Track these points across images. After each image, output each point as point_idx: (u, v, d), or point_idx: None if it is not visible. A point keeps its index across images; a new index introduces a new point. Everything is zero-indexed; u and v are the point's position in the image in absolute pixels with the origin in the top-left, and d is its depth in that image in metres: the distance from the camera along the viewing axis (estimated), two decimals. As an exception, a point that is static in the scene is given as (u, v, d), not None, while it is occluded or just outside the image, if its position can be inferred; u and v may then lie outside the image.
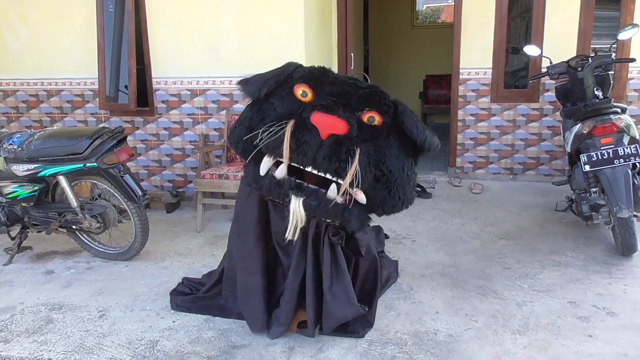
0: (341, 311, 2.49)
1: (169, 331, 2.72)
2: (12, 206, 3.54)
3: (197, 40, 4.61)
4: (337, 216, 2.28)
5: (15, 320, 2.86)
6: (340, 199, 2.24)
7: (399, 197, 2.30)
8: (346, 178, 2.13)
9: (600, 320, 2.70)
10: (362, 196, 2.24)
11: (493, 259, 3.50)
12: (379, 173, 2.23)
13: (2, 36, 5.04)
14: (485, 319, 2.76)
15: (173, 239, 4.05)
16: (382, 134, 2.28)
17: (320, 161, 2.15)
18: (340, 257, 2.50)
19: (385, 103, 2.35)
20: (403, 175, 2.29)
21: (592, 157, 3.35)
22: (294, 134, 2.15)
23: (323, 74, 2.39)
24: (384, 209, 2.34)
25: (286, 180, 2.26)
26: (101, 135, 3.26)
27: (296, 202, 2.23)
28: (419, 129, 2.29)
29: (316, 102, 2.27)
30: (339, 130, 2.16)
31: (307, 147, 2.13)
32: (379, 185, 2.25)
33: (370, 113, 2.28)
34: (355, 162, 2.13)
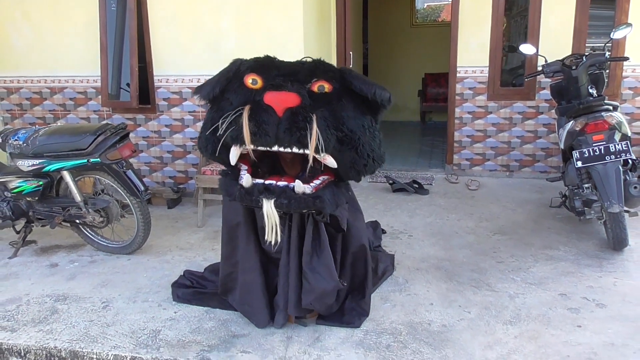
0: (320, 285, 2.55)
1: (170, 321, 2.80)
2: (17, 201, 3.62)
3: (197, 38, 4.69)
4: (310, 206, 2.37)
5: (21, 311, 2.94)
6: (309, 189, 2.33)
7: (367, 155, 2.38)
8: (310, 143, 2.21)
9: (590, 312, 2.78)
10: (330, 160, 2.32)
11: (487, 253, 3.57)
12: (341, 134, 2.31)
13: (6, 34, 5.12)
14: (478, 310, 2.83)
15: (174, 233, 4.13)
16: (334, 99, 2.36)
17: (282, 136, 2.23)
18: (323, 233, 2.58)
19: (331, 70, 2.45)
20: (365, 132, 2.38)
21: (584, 154, 3.42)
22: (252, 117, 2.24)
23: (269, 61, 2.51)
24: (357, 169, 2.40)
25: (255, 187, 2.36)
26: (104, 131, 3.34)
27: (268, 205, 2.33)
28: (367, 84, 2.38)
29: (266, 84, 2.37)
30: (291, 103, 2.26)
31: (267, 127, 2.22)
32: (345, 147, 2.33)
33: (318, 82, 2.37)
34: (314, 126, 2.21)
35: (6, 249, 3.83)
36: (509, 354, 2.43)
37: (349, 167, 2.38)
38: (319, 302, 2.62)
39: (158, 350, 2.54)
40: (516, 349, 2.46)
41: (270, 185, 2.37)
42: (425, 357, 2.43)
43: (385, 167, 5.99)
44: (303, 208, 2.38)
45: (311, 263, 2.57)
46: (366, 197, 4.92)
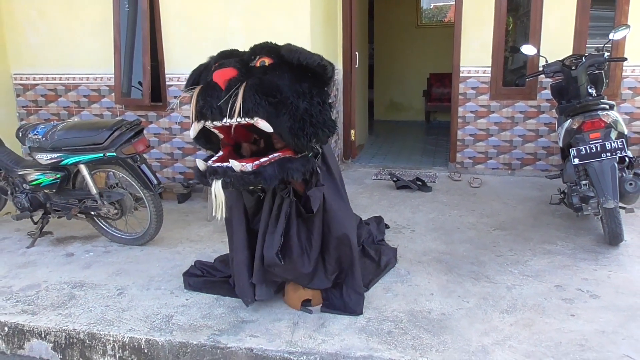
0: (267, 254, 2.71)
1: (182, 307, 2.94)
2: (35, 193, 3.78)
3: (207, 38, 4.83)
4: (250, 183, 2.52)
5: (40, 296, 3.10)
6: (249, 167, 2.48)
7: (302, 119, 2.50)
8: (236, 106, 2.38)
9: (583, 302, 2.90)
10: (263, 123, 2.46)
11: (487, 247, 3.70)
12: (273, 100, 2.45)
13: (23, 32, 5.28)
14: (476, 300, 2.96)
15: (184, 227, 4.27)
16: (271, 70, 2.55)
17: (224, 106, 2.42)
18: (283, 211, 2.73)
19: (270, 46, 2.67)
20: (300, 97, 2.51)
21: (581, 151, 3.54)
22: (200, 94, 2.47)
23: (231, 52, 2.77)
24: (295, 133, 2.50)
25: (207, 169, 2.57)
26: (120, 127, 3.49)
27: (215, 185, 2.52)
28: (293, 52, 2.55)
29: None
30: (229, 75, 2.46)
31: (212, 100, 2.43)
32: (280, 112, 2.47)
33: (261, 59, 2.59)
34: (240, 92, 2.39)
35: (24, 239, 3.99)
36: (504, 340, 2.55)
37: (288, 132, 2.50)
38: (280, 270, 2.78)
39: (171, 333, 2.68)
40: (511, 336, 2.59)
41: (218, 167, 2.55)
42: (425, 343, 2.56)
43: (390, 165, 6.13)
44: (245, 185, 2.54)
45: (269, 236, 2.74)
46: (370, 194, 5.05)
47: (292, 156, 2.62)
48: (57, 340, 2.75)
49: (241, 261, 2.87)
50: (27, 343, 2.81)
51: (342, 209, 2.90)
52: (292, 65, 2.54)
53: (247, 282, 2.85)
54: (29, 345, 2.81)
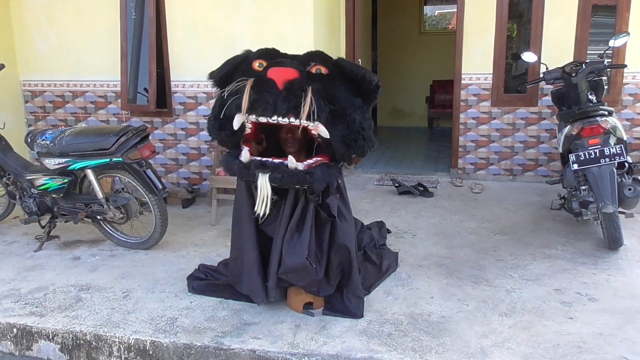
0: (290, 259, 2.74)
1: (186, 310, 2.99)
2: (42, 197, 3.85)
3: (213, 45, 4.91)
4: (301, 182, 2.58)
5: (48, 298, 3.16)
6: (302, 166, 2.55)
7: (357, 130, 2.59)
8: (304, 108, 2.44)
9: (582, 305, 2.94)
10: (322, 129, 2.54)
11: (488, 251, 3.74)
12: (333, 107, 2.54)
13: (32, 38, 5.38)
14: (476, 303, 3.00)
15: (189, 231, 4.33)
16: (329, 79, 2.63)
17: (281, 105, 2.48)
18: (309, 215, 2.78)
19: (327, 57, 2.76)
20: (356, 110, 2.61)
21: (580, 157, 3.59)
22: (254, 87, 2.51)
23: (275, 50, 2.83)
24: (348, 143, 2.59)
25: (252, 162, 2.61)
26: (126, 132, 3.56)
27: (263, 179, 2.56)
28: (358, 68, 2.65)
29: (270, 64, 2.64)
30: (290, 76, 2.52)
31: (267, 95, 2.48)
32: (337, 120, 2.55)
33: (316, 66, 2.66)
34: (309, 94, 2.46)
35: (32, 242, 4.06)
36: (502, 342, 2.59)
37: (341, 141, 2.58)
38: (295, 276, 2.80)
39: (175, 335, 2.74)
40: (510, 338, 2.63)
41: (266, 161, 2.61)
42: (425, 345, 2.60)
43: (392, 170, 6.19)
44: (295, 183, 2.60)
45: (292, 239, 2.77)
46: (373, 199, 5.10)
47: (331, 163, 2.71)
48: (65, 341, 2.81)
49: (251, 260, 2.91)
50: (35, 344, 2.87)
51: (346, 218, 2.95)
52: (346, 78, 2.64)
53: (258, 282, 2.89)
54: (37, 346, 2.86)
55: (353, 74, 2.64)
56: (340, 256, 2.92)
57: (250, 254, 2.92)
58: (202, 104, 5.10)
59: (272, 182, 2.57)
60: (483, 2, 5.30)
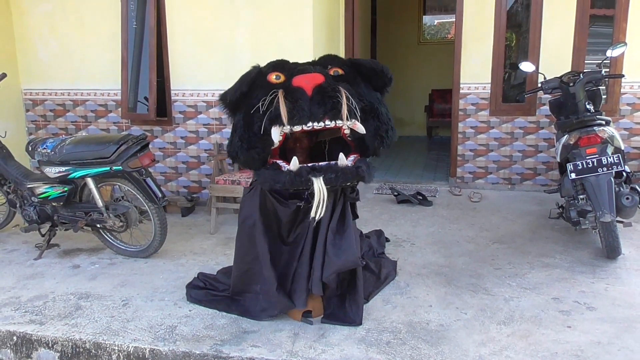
0: (340, 260, 2.75)
1: (186, 318, 3.00)
2: (43, 205, 3.87)
3: (213, 54, 4.95)
4: (354, 177, 2.64)
5: (48, 306, 3.16)
6: (350, 162, 2.62)
7: (386, 121, 2.71)
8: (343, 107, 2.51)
9: (580, 314, 2.94)
10: (360, 126, 2.61)
11: (486, 260, 3.75)
12: (363, 104, 2.63)
13: (34, 48, 5.42)
14: (474, 311, 3.01)
15: (188, 239, 4.34)
16: (350, 78, 2.72)
17: (316, 110, 2.52)
18: (349, 214, 2.83)
19: (340, 58, 2.87)
20: (380, 103, 2.73)
21: (577, 166, 3.61)
22: (286, 97, 2.53)
23: (286, 62, 2.87)
24: (381, 135, 2.70)
25: (302, 169, 2.62)
26: (127, 141, 3.58)
27: (318, 182, 2.58)
28: (375, 62, 2.76)
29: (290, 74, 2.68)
30: (318, 80, 2.56)
31: (302, 102, 2.52)
32: (368, 116, 2.65)
33: (333, 69, 2.74)
34: (344, 93, 2.52)
35: (32, 250, 4.07)
36: (500, 351, 2.60)
37: (374, 134, 2.68)
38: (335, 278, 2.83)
39: (174, 343, 2.74)
40: (508, 346, 2.63)
41: (315, 165, 2.64)
42: (423, 353, 2.61)
43: (391, 179, 6.21)
44: (349, 179, 2.64)
45: (334, 240, 2.79)
46: (371, 208, 5.12)
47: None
48: (64, 349, 2.81)
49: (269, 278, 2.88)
50: (35, 352, 2.87)
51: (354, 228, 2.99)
52: (362, 76, 2.76)
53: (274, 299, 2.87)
54: (37, 354, 2.87)
55: (371, 69, 2.74)
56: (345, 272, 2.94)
57: (266, 272, 2.89)
58: (202, 112, 5.13)
59: (327, 184, 2.60)
60: (481, 12, 5.35)
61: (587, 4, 5.05)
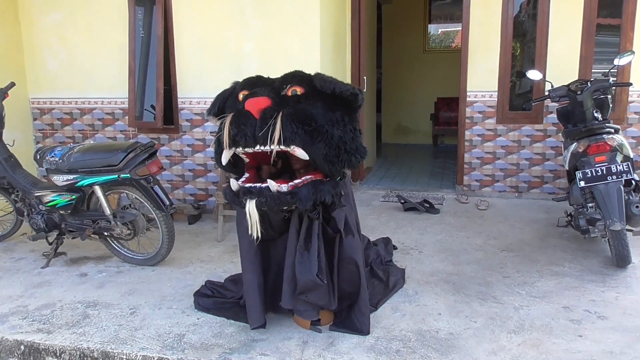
0: (302, 277, 2.72)
1: (194, 326, 2.99)
2: (50, 214, 3.87)
3: (220, 63, 4.96)
4: (286, 203, 2.58)
5: (55, 315, 3.16)
6: (285, 188, 2.56)
7: (337, 146, 2.59)
8: (275, 135, 2.47)
9: (591, 323, 2.92)
10: (300, 151, 2.55)
11: (494, 268, 3.73)
12: (309, 128, 2.54)
13: (42, 57, 5.46)
14: (484, 320, 2.99)
15: (195, 247, 4.33)
16: (304, 99, 2.65)
17: (258, 136, 2.51)
18: (314, 233, 2.77)
19: (302, 76, 2.77)
20: (334, 125, 2.61)
21: (587, 174, 3.59)
22: (232, 122, 2.55)
23: (258, 78, 2.87)
24: (330, 160, 2.59)
25: (240, 189, 2.64)
26: (135, 149, 3.59)
27: (250, 205, 2.58)
28: (327, 82, 2.65)
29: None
30: (263, 105, 2.55)
31: (245, 128, 2.52)
32: (315, 140, 2.55)
33: (292, 88, 2.69)
34: (278, 121, 2.48)
35: (39, 259, 4.07)
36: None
37: (323, 159, 2.59)
38: (315, 295, 2.78)
39: (183, 352, 2.73)
40: (519, 355, 2.61)
41: (252, 187, 2.62)
42: (433, 362, 2.59)
43: (398, 187, 6.20)
44: (280, 205, 2.60)
45: (302, 258, 2.76)
46: (378, 215, 5.10)
47: (323, 179, 2.70)
48: (72, 358, 2.80)
49: (250, 282, 2.90)
50: (41, 361, 2.87)
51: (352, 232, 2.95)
52: (324, 94, 2.66)
53: (257, 305, 2.87)
54: (44, 363, 2.86)
55: (323, 89, 2.65)
56: (349, 272, 2.92)
57: (247, 275, 2.91)
58: (209, 120, 5.14)
59: (259, 207, 2.58)
60: (488, 20, 5.35)
61: (594, 13, 5.05)
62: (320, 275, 2.74)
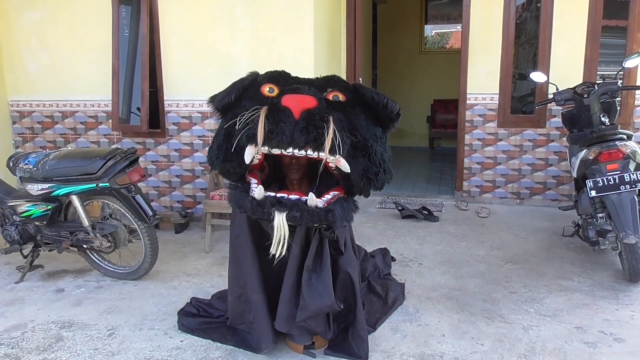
0: (316, 302, 2.50)
1: (177, 350, 2.75)
2: (25, 225, 3.61)
3: (209, 64, 4.72)
4: (321, 220, 2.35)
5: (26, 338, 2.90)
6: (321, 203, 2.32)
7: (379, 163, 2.39)
8: (327, 141, 2.22)
9: (608, 346, 2.70)
10: (344, 163, 2.31)
11: (499, 282, 3.51)
12: (355, 139, 2.33)
13: (22, 59, 5.20)
14: (491, 342, 2.76)
15: (182, 259, 4.09)
16: (348, 107, 2.41)
17: (298, 137, 2.24)
18: (326, 252, 2.55)
19: (345, 82, 2.54)
20: (377, 141, 2.41)
21: (598, 183, 3.38)
22: (269, 116, 2.26)
23: (286, 74, 2.60)
24: (369, 177, 2.38)
25: (267, 199, 2.35)
26: (114, 156, 3.34)
27: (280, 217, 2.31)
28: (379, 95, 2.43)
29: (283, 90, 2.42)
30: (309, 104, 2.29)
31: (283, 125, 2.24)
32: (358, 153, 2.35)
33: (333, 92, 2.44)
34: (331, 125, 2.23)
35: (13, 273, 3.80)
36: (524, 390, 2.36)
37: (361, 175, 2.37)
38: (314, 321, 2.56)
39: (163, 380, 2.49)
40: (532, 385, 2.39)
41: (283, 198, 2.36)
42: (438, 392, 2.36)
43: (394, 193, 5.97)
44: (315, 222, 2.36)
45: (310, 280, 2.53)
46: (375, 223, 4.88)
47: (347, 197, 2.47)
48: (41, 387, 2.56)
49: (258, 303, 2.66)
50: (8, 390, 2.61)
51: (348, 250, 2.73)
52: (365, 106, 2.44)
53: (267, 327, 2.64)
54: (11, 392, 2.61)
55: (374, 102, 2.42)
56: (345, 290, 2.70)
57: (255, 295, 2.66)
58: (197, 124, 4.90)
59: (289, 222, 2.32)
60: (489, 21, 5.14)
61: (599, 14, 4.85)
62: (336, 299, 2.52)
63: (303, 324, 2.56)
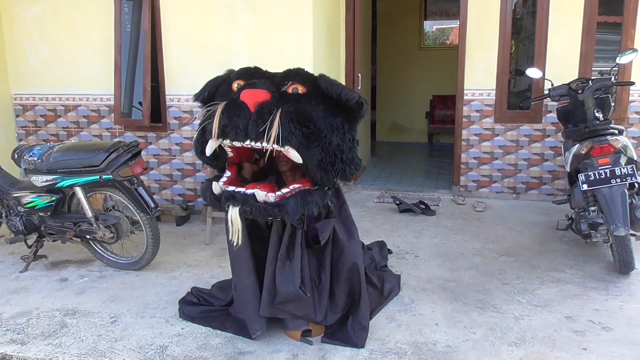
0: (283, 288, 2.59)
1: (177, 337, 2.83)
2: (29, 215, 3.69)
3: (209, 59, 4.78)
4: (271, 214, 2.45)
5: (31, 324, 2.99)
6: (272, 198, 2.41)
7: (334, 153, 2.44)
8: (272, 132, 2.30)
9: (596, 335, 2.78)
10: (294, 153, 2.39)
11: (493, 274, 3.58)
12: (307, 130, 2.39)
13: (24, 52, 5.25)
14: (483, 331, 2.84)
15: (182, 250, 4.17)
16: (305, 99, 2.47)
17: (252, 129, 2.34)
18: (298, 241, 2.62)
19: (305, 74, 2.60)
20: (334, 131, 2.45)
21: (589, 177, 3.45)
22: (225, 111, 2.37)
23: (256, 70, 2.71)
24: (324, 167, 2.43)
25: (223, 193, 2.49)
26: (117, 148, 3.41)
27: (233, 211, 2.45)
28: (333, 85, 2.48)
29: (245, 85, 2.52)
30: (261, 98, 2.39)
31: (238, 120, 2.34)
32: (312, 144, 2.40)
33: (293, 85, 2.51)
34: (277, 118, 2.31)
35: (18, 263, 3.88)
36: (513, 376, 2.44)
37: (317, 165, 2.43)
38: (294, 306, 2.65)
39: (165, 365, 2.57)
40: (521, 371, 2.47)
41: (236, 192, 2.47)
42: (430, 377, 2.44)
43: (393, 187, 6.04)
44: (265, 216, 2.48)
45: (283, 267, 2.62)
46: (373, 217, 4.95)
47: (311, 189, 2.54)
48: (46, 371, 2.64)
49: (248, 287, 2.74)
50: (14, 374, 2.70)
51: (352, 241, 2.80)
52: (326, 97, 2.49)
53: (256, 311, 2.72)
54: (17, 376, 2.69)
55: (329, 93, 2.47)
56: (351, 282, 2.79)
57: (245, 280, 2.75)
58: (198, 118, 4.96)
59: (242, 215, 2.44)
60: (486, 17, 5.20)
61: (595, 10, 4.91)
62: (303, 287, 2.59)
63: (282, 308, 2.65)
